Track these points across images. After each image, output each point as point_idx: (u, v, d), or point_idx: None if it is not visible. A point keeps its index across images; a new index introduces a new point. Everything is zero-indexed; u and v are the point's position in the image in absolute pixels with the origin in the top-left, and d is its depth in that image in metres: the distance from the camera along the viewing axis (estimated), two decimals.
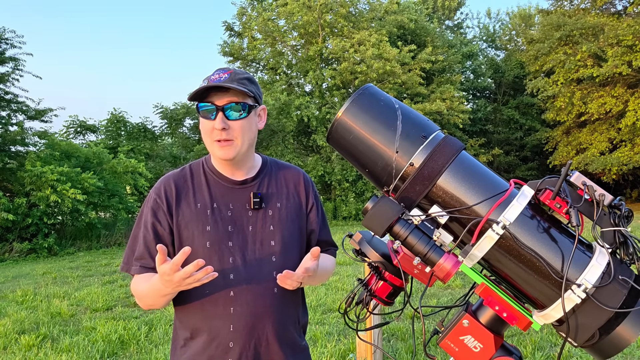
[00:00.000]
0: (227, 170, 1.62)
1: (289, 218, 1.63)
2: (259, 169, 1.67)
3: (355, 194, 20.85)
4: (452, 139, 1.11)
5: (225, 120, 1.50)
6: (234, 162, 1.58)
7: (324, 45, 21.86)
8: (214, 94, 1.50)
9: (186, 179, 1.62)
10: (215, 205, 1.58)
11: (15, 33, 13.19)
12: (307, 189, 1.72)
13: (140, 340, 4.99)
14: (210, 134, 1.53)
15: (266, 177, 1.67)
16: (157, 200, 1.58)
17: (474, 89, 29.43)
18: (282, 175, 1.70)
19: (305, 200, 1.70)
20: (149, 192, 1.64)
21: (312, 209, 1.71)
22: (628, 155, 19.90)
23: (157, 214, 1.57)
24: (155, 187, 1.63)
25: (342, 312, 1.25)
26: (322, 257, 1.72)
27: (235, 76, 1.52)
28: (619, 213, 1.04)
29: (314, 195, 1.73)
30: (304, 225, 1.68)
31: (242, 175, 1.63)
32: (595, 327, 1.02)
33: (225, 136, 1.51)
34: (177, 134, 20.38)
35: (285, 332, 1.58)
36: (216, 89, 1.49)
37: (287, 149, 20.11)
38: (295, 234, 1.64)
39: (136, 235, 1.60)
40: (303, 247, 1.68)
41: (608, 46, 19.22)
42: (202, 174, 1.63)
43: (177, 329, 1.62)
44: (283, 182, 1.69)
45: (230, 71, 1.53)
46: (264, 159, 1.72)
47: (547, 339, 4.64)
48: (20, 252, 11.95)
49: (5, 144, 13.08)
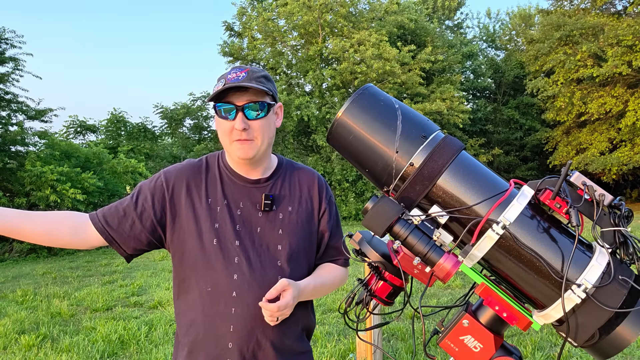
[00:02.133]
0: (242, 169, 1.60)
1: (299, 223, 1.60)
2: (274, 170, 1.65)
3: (355, 194, 20.85)
4: (452, 139, 1.11)
5: (245, 120, 1.49)
6: (252, 161, 1.56)
7: (324, 45, 21.85)
8: (232, 94, 1.48)
9: (201, 171, 1.61)
10: (226, 203, 1.56)
11: (15, 33, 13.19)
12: (321, 192, 1.68)
13: (140, 340, 4.99)
14: (229, 134, 1.51)
15: (280, 179, 1.64)
16: (162, 185, 1.57)
17: (474, 89, 29.42)
18: (297, 178, 1.67)
19: (318, 205, 1.66)
20: (160, 172, 1.62)
21: (324, 213, 1.67)
22: (628, 155, 19.89)
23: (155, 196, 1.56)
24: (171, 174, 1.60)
25: (342, 312, 1.25)
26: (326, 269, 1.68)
27: (253, 75, 1.50)
28: (619, 213, 1.04)
29: (327, 199, 1.69)
30: (314, 230, 1.64)
31: (257, 174, 1.61)
32: (595, 327, 1.02)
33: (246, 136, 1.50)
34: (177, 134, 20.40)
35: (286, 338, 1.55)
36: (235, 89, 1.47)
37: (287, 149, 20.12)
38: (304, 239, 1.60)
39: (123, 201, 1.58)
40: (313, 252, 1.64)
41: (608, 46, 19.21)
42: (216, 169, 1.62)
43: (177, 326, 1.61)
44: (297, 185, 1.66)
45: (247, 69, 1.51)
46: (279, 160, 1.69)
47: (547, 339, 4.65)
48: (20, 252, 11.95)
49: (5, 144, 13.08)
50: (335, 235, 1.69)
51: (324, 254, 1.69)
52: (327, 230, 1.67)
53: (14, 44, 13.19)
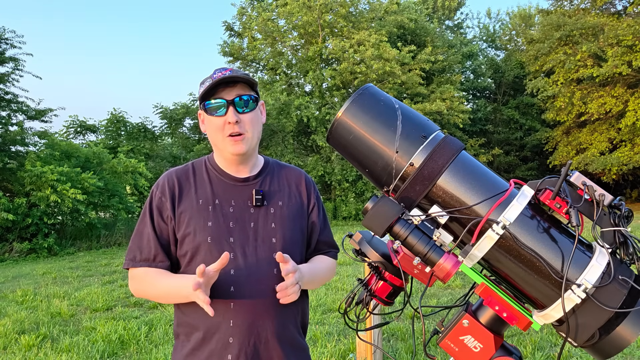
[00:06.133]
0: (231, 168, 1.64)
1: (290, 216, 1.64)
2: (262, 167, 1.69)
3: (355, 194, 20.85)
4: (452, 139, 1.11)
5: (236, 113, 1.54)
6: (244, 157, 1.60)
7: (324, 45, 21.85)
8: (220, 91, 1.54)
9: (188, 175, 1.64)
10: (217, 202, 1.59)
11: (15, 33, 13.18)
12: (309, 189, 1.73)
13: (140, 340, 4.99)
14: (221, 130, 1.55)
15: (268, 176, 1.68)
16: (161, 198, 1.60)
17: (474, 89, 29.43)
18: (284, 175, 1.72)
19: (307, 200, 1.71)
20: (152, 189, 1.65)
21: (313, 209, 1.72)
22: (628, 155, 19.90)
23: (163, 213, 1.59)
24: (159, 184, 1.64)
25: (342, 312, 1.25)
26: (318, 259, 1.72)
27: (237, 72, 1.56)
28: (619, 213, 1.04)
29: (315, 195, 1.74)
30: (305, 224, 1.69)
31: (245, 172, 1.65)
32: (595, 327, 1.02)
33: (238, 129, 1.54)
34: (177, 134, 20.38)
35: (285, 330, 1.58)
36: (223, 85, 1.53)
37: (287, 149, 20.11)
38: (297, 232, 1.64)
39: (141, 232, 1.60)
40: (304, 246, 1.69)
41: (608, 46, 19.21)
42: (204, 171, 1.65)
43: (177, 324, 1.62)
44: (285, 182, 1.70)
45: (230, 68, 1.57)
46: (265, 159, 1.74)
47: (547, 339, 4.64)
48: (20, 252, 11.94)
49: (5, 144, 13.07)
50: (324, 230, 1.75)
51: (315, 248, 1.74)
52: (317, 224, 1.72)
53: (14, 44, 13.20)
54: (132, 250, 1.60)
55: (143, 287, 1.60)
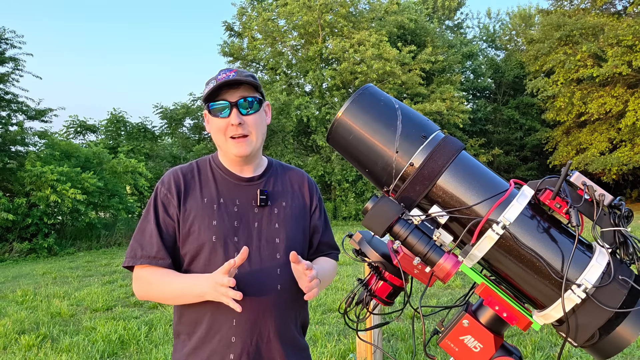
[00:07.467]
0: (236, 168, 1.64)
1: (293, 217, 1.64)
2: (265, 168, 1.70)
3: (355, 194, 20.85)
4: (452, 139, 1.11)
5: (240, 115, 1.54)
6: (248, 158, 1.60)
7: (324, 45, 21.85)
8: (224, 92, 1.54)
9: (193, 173, 1.64)
10: (222, 201, 1.59)
11: (15, 33, 13.19)
12: (312, 190, 1.74)
13: (140, 340, 4.99)
14: (224, 132, 1.56)
15: (272, 176, 1.69)
16: (167, 195, 1.59)
17: (474, 89, 29.43)
18: (288, 176, 1.73)
19: (309, 202, 1.72)
20: (156, 186, 1.63)
21: (315, 210, 1.73)
22: (628, 155, 19.90)
23: (168, 209, 1.57)
24: (164, 181, 1.62)
25: (342, 312, 1.25)
26: (322, 260, 1.73)
27: (242, 74, 1.56)
28: (619, 213, 1.04)
29: (317, 197, 1.75)
30: (307, 225, 1.69)
31: (249, 172, 1.65)
32: (595, 327, 1.02)
33: (241, 131, 1.54)
34: (177, 134, 20.38)
35: (287, 329, 1.58)
36: (227, 87, 1.53)
37: (287, 149, 20.10)
38: (299, 233, 1.65)
39: (144, 229, 1.58)
40: (306, 247, 1.69)
41: (608, 46, 19.21)
42: (209, 170, 1.65)
43: (178, 323, 1.61)
44: (288, 182, 1.71)
45: (235, 70, 1.57)
46: (269, 160, 1.75)
47: (547, 339, 4.64)
48: (20, 252, 11.94)
49: (5, 144, 13.07)
50: (326, 231, 1.76)
51: (316, 249, 1.74)
52: (319, 226, 1.73)
53: (14, 44, 13.20)
54: (133, 247, 1.58)
55: (151, 288, 1.57)
